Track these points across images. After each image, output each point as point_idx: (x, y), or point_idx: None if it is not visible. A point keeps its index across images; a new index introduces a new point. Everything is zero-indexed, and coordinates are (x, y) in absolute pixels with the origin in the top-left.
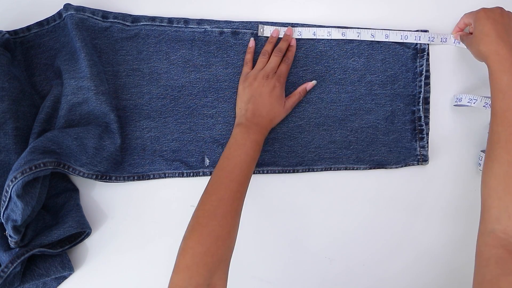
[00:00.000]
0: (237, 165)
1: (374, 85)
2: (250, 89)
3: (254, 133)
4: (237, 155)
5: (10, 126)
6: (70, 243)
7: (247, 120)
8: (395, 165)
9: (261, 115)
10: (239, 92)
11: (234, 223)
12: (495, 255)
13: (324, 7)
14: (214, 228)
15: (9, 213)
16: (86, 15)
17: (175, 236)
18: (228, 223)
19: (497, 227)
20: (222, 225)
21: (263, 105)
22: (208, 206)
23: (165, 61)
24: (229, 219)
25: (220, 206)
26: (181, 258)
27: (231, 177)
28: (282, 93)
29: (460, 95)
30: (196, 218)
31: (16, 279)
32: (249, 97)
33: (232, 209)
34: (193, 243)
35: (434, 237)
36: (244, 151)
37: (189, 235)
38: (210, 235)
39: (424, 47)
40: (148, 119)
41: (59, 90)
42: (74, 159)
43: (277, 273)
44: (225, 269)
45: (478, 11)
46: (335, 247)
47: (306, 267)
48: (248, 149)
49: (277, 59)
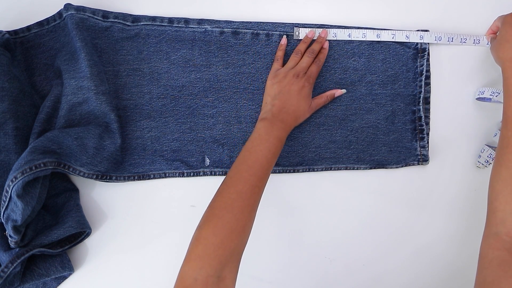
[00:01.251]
0: (258, 159)
1: (374, 85)
2: (279, 85)
3: (278, 130)
4: (259, 149)
5: (10, 126)
6: (70, 243)
7: (272, 115)
8: (396, 165)
9: (287, 112)
10: (267, 87)
11: (250, 217)
12: (498, 257)
13: (324, 7)
14: (230, 220)
15: (9, 213)
16: (87, 15)
17: (175, 236)
18: (244, 217)
19: (502, 230)
20: (238, 218)
21: (290, 102)
22: (225, 198)
23: (166, 61)
24: (245, 213)
25: (237, 199)
26: (194, 248)
27: (251, 171)
28: (310, 94)
29: (483, 88)
30: (212, 209)
31: (16, 279)
32: (277, 93)
33: (250, 203)
34: (207, 233)
35: (435, 237)
36: (266, 146)
37: (204, 225)
38: (224, 227)
39: (424, 47)
40: (148, 119)
41: (59, 90)
42: (75, 159)
43: (277, 273)
44: (236, 263)
45: (506, 16)
46: (335, 247)
47: (306, 267)
48: (270, 144)
49: (309, 60)
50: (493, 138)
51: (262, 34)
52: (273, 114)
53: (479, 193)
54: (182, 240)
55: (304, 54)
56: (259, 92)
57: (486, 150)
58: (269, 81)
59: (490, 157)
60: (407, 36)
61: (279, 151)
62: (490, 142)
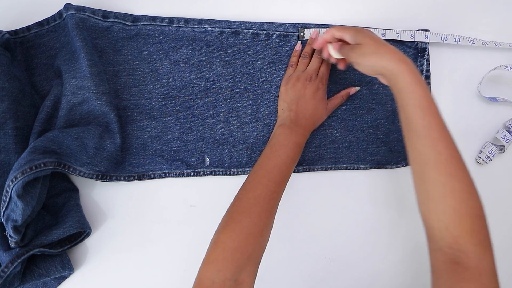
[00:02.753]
0: (276, 165)
1: (374, 84)
2: (293, 90)
3: (297, 135)
4: (277, 155)
5: (10, 126)
6: (70, 243)
7: (291, 121)
8: (396, 165)
9: (305, 116)
10: (281, 93)
11: (268, 222)
12: (446, 268)
13: (324, 7)
14: (247, 225)
15: (9, 213)
16: (87, 15)
17: (175, 235)
18: (262, 221)
19: (443, 244)
20: (256, 223)
21: (307, 107)
22: (243, 203)
23: (166, 60)
24: (263, 218)
25: (255, 204)
26: (212, 251)
27: (269, 177)
28: (325, 95)
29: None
30: (231, 213)
31: (16, 279)
32: (292, 98)
33: (268, 208)
34: (224, 237)
35: None
36: (284, 152)
37: (222, 229)
38: (242, 232)
39: (424, 47)
40: (148, 119)
41: (59, 90)
42: (75, 159)
43: (277, 273)
44: (254, 267)
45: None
46: (335, 247)
47: (306, 267)
48: (289, 150)
49: (318, 60)
50: (495, 135)
51: (262, 34)
52: (291, 120)
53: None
54: (182, 240)
55: (312, 55)
56: (259, 92)
57: (488, 146)
58: (282, 87)
59: (491, 153)
60: (412, 36)
61: (298, 157)
62: (492, 140)
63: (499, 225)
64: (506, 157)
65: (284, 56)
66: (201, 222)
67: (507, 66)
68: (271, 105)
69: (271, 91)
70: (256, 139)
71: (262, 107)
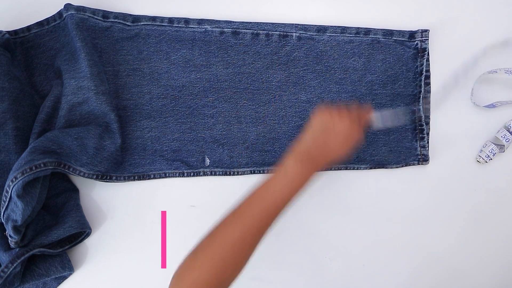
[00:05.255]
0: (275, 200)
1: (374, 84)
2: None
3: (308, 173)
4: (279, 189)
5: (10, 126)
6: (70, 243)
7: (308, 156)
8: (396, 165)
9: (325, 155)
10: (314, 118)
11: (249, 254)
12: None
13: (324, 7)
14: (226, 256)
15: (9, 213)
16: (87, 15)
17: (175, 235)
18: (243, 254)
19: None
20: (236, 255)
21: (332, 144)
22: (229, 230)
23: (166, 61)
24: (245, 251)
25: (241, 237)
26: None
27: (264, 209)
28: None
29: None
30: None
31: (16, 279)
32: (323, 129)
33: (253, 241)
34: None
35: (434, 237)
36: (288, 187)
37: (199, 255)
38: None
39: (424, 47)
40: (148, 119)
41: (59, 90)
42: (75, 159)
43: (277, 273)
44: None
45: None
46: (335, 247)
47: (306, 267)
48: (293, 186)
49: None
50: (495, 134)
51: (262, 34)
52: (309, 155)
53: (479, 193)
54: (182, 240)
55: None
56: (259, 92)
57: (488, 145)
58: (318, 111)
59: (491, 153)
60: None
61: (301, 193)
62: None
63: (499, 224)
64: (506, 157)
65: (284, 56)
66: (201, 222)
67: (507, 70)
68: (271, 105)
69: (271, 91)
70: (256, 139)
71: (262, 107)
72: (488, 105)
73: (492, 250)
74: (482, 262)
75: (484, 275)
